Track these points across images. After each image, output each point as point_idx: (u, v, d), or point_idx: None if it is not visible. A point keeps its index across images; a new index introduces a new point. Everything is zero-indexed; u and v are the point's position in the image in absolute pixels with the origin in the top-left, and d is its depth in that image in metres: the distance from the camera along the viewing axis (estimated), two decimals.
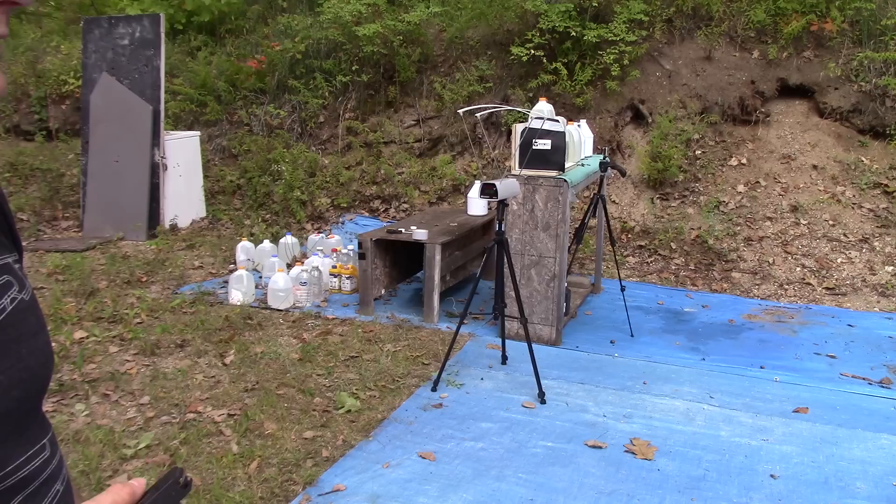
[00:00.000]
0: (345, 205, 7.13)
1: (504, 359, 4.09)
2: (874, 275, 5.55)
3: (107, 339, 4.30)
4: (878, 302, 5.27)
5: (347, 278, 5.32)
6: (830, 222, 6.00)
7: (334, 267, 5.37)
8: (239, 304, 4.95)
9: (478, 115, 6.71)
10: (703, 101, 6.87)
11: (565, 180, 4.19)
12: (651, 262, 6.03)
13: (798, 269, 5.71)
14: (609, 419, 3.45)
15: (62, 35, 9.43)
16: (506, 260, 3.77)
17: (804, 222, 6.05)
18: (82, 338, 4.27)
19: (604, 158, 4.68)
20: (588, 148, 5.16)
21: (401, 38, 7.58)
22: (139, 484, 0.71)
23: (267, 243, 5.87)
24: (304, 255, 5.91)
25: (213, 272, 5.76)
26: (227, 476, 2.90)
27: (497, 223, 3.73)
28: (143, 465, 2.97)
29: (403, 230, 4.88)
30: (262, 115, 7.94)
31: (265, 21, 9.21)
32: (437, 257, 4.62)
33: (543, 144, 4.19)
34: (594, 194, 4.98)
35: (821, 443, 3.26)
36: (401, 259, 5.22)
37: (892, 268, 5.59)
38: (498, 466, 3.00)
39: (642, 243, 6.21)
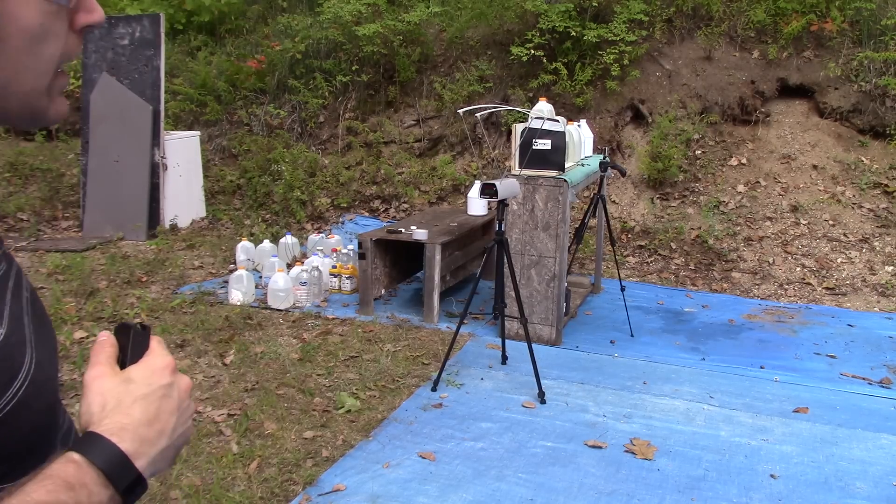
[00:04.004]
0: (345, 205, 7.13)
1: (504, 359, 4.09)
2: (874, 275, 5.55)
3: None
4: (878, 302, 5.27)
5: (347, 278, 5.32)
6: (830, 222, 6.00)
7: (334, 267, 5.37)
8: (239, 304, 4.95)
9: (478, 115, 6.71)
10: (703, 101, 6.87)
11: (565, 180, 4.19)
12: (651, 262, 6.03)
13: (798, 269, 5.71)
14: (609, 419, 3.45)
15: None
16: (506, 260, 3.77)
17: (804, 222, 6.05)
18: (82, 338, 4.27)
19: (604, 158, 4.67)
20: (588, 148, 5.16)
21: (401, 38, 7.58)
22: (106, 337, 0.74)
23: (267, 243, 5.87)
24: (304, 255, 5.90)
25: (213, 272, 5.76)
26: (227, 476, 2.91)
27: (497, 223, 3.73)
28: None
29: (403, 230, 4.88)
30: (262, 115, 7.94)
31: (265, 21, 9.21)
32: (437, 257, 4.62)
33: (543, 144, 4.19)
34: (594, 194, 4.98)
35: (821, 443, 3.26)
36: (401, 259, 5.22)
37: (892, 268, 5.59)
38: (498, 466, 3.00)
39: (642, 243, 6.21)
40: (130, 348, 0.73)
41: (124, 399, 0.68)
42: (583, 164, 4.76)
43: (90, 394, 0.69)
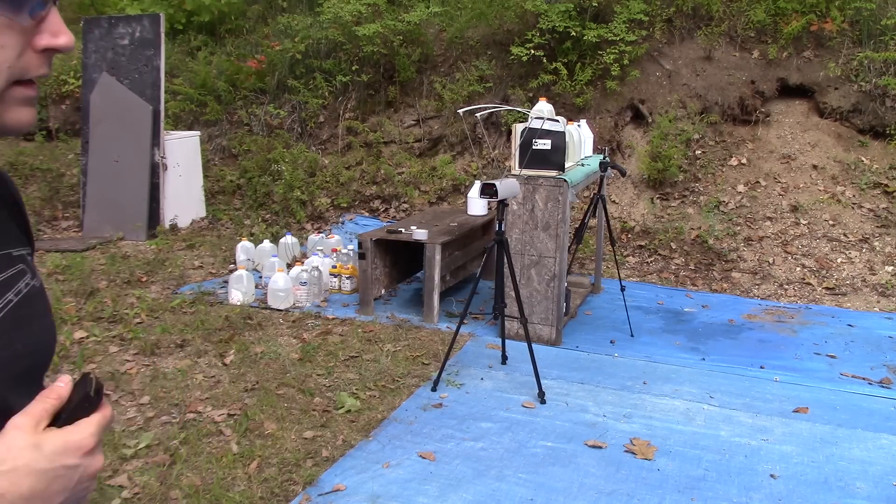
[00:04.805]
0: (345, 205, 7.13)
1: (504, 359, 4.09)
2: (874, 275, 5.55)
3: (107, 339, 4.30)
4: (878, 302, 5.27)
5: (347, 278, 5.32)
6: (830, 222, 6.00)
7: (334, 267, 5.37)
8: (239, 304, 4.95)
9: (478, 115, 6.71)
10: (703, 101, 6.87)
11: (565, 180, 4.19)
12: (651, 262, 6.03)
13: (798, 269, 5.71)
14: (609, 419, 3.45)
15: None
16: (506, 260, 3.77)
17: (804, 222, 6.05)
18: (82, 338, 4.27)
19: (604, 158, 4.68)
20: (588, 148, 5.16)
21: (401, 38, 7.58)
22: (63, 384, 0.70)
23: (267, 243, 5.87)
24: (304, 255, 5.91)
25: (213, 272, 5.76)
26: (227, 476, 2.91)
27: (497, 223, 3.73)
28: (143, 465, 2.97)
29: (403, 230, 4.88)
30: (262, 115, 7.94)
31: (265, 21, 9.21)
32: (437, 257, 4.62)
33: (543, 144, 4.19)
34: (594, 194, 4.98)
35: (821, 443, 3.26)
36: (401, 259, 5.22)
37: (892, 268, 5.59)
38: (498, 466, 3.00)
39: (642, 243, 6.21)
40: (70, 408, 0.69)
41: (20, 467, 0.65)
42: (583, 164, 4.76)
43: (2, 438, 0.66)
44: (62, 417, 0.69)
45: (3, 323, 0.75)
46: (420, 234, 4.71)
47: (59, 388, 0.70)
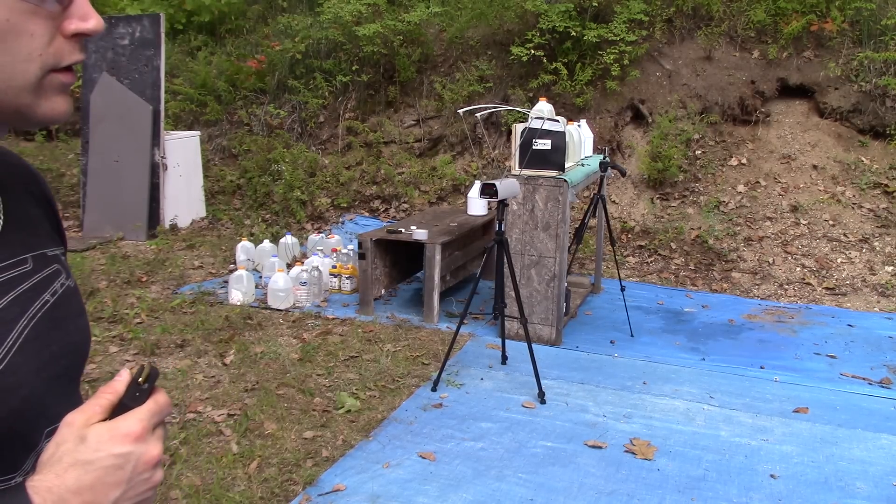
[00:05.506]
0: (345, 205, 7.13)
1: (504, 359, 4.09)
2: (874, 275, 5.55)
3: (107, 339, 4.30)
4: (878, 302, 5.27)
5: (347, 278, 5.32)
6: (830, 222, 6.00)
7: (334, 267, 5.37)
8: (239, 304, 4.95)
9: (478, 115, 6.71)
10: (703, 101, 6.87)
11: (565, 180, 4.19)
12: (651, 262, 6.03)
13: (798, 269, 5.71)
14: (609, 419, 3.45)
15: None
16: (506, 260, 3.77)
17: (804, 222, 6.05)
18: None
19: (604, 158, 4.68)
20: (588, 148, 5.16)
21: (401, 38, 7.58)
22: (122, 378, 0.69)
23: (267, 243, 5.87)
24: (304, 255, 5.91)
25: (213, 272, 5.76)
26: (227, 476, 2.91)
27: (497, 223, 3.73)
28: None
29: (403, 230, 4.88)
30: (262, 115, 7.94)
31: (265, 21, 9.21)
32: (437, 257, 4.62)
33: (543, 144, 4.19)
34: (594, 194, 4.98)
35: (821, 443, 3.26)
36: (401, 259, 5.22)
37: (892, 268, 5.59)
38: (498, 466, 3.00)
39: (642, 243, 6.21)
40: (122, 399, 0.67)
41: (65, 458, 0.64)
42: (583, 164, 4.76)
43: (55, 435, 0.66)
44: (115, 411, 0.67)
45: (40, 324, 0.74)
46: (420, 234, 4.71)
47: (116, 381, 0.68)
